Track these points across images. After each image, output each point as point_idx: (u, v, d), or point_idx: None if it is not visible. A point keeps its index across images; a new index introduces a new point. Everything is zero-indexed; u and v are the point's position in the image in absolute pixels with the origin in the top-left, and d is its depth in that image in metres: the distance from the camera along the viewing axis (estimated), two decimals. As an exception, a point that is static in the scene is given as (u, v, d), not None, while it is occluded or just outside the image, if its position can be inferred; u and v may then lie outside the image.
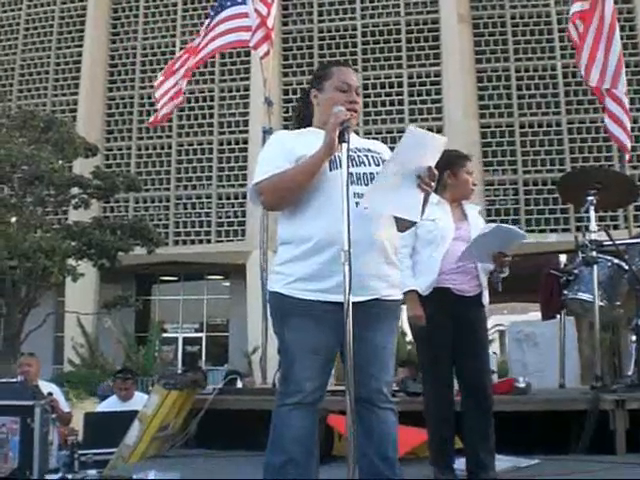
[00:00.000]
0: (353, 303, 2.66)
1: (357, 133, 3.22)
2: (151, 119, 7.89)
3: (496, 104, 25.95)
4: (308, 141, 2.98)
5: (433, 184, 2.90)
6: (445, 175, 4.26)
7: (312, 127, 3.19)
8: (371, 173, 3.00)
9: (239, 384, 5.55)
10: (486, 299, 4.28)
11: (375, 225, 2.92)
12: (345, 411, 2.69)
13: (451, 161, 4.33)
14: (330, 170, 2.93)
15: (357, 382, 2.68)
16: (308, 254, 2.90)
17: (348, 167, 2.76)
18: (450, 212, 4.28)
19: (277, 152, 3.05)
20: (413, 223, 3.12)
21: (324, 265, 2.86)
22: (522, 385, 5.13)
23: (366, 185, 2.95)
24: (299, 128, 3.25)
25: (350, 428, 2.63)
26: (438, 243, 4.18)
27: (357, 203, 2.84)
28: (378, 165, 3.04)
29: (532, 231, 24.42)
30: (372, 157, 3.08)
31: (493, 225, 4.18)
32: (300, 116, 3.31)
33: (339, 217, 2.69)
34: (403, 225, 3.09)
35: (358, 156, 3.02)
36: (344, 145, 2.78)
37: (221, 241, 26.88)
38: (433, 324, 4.11)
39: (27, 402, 5.40)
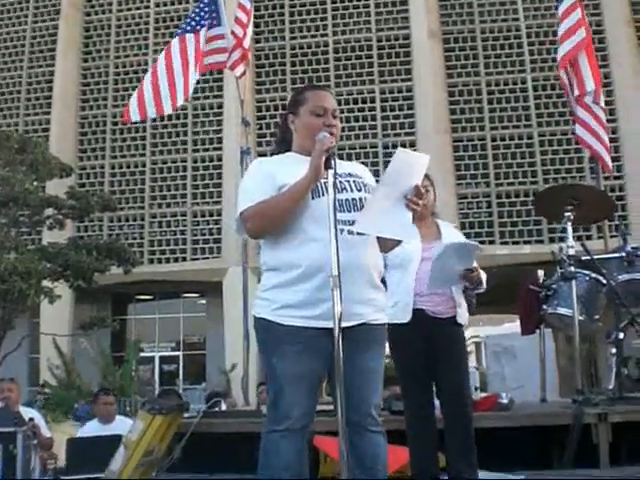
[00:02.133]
0: (342, 328, 2.67)
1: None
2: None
3: (468, 118, 26.15)
4: (289, 168, 3.00)
5: (421, 202, 2.93)
6: None
7: (291, 152, 3.20)
8: (353, 199, 3.02)
9: (223, 406, 5.54)
10: (462, 318, 4.31)
11: (360, 250, 2.94)
12: (331, 431, 2.71)
13: None
14: (312, 198, 2.95)
15: (347, 406, 2.69)
16: (296, 281, 2.91)
17: (335, 194, 2.79)
18: (418, 233, 4.32)
19: (260, 180, 3.04)
20: (398, 242, 3.15)
21: (312, 292, 2.88)
22: (505, 401, 5.16)
23: (349, 212, 2.97)
24: (279, 152, 3.25)
25: (342, 455, 2.65)
26: (406, 266, 4.23)
27: (341, 230, 2.85)
28: (360, 190, 3.06)
29: (506, 243, 24.65)
30: (354, 182, 3.09)
31: (443, 245, 4.21)
32: (280, 141, 3.30)
33: (326, 244, 2.72)
34: (386, 245, 3.11)
35: (340, 182, 3.00)
36: (330, 172, 2.80)
37: (197, 259, 26.78)
38: (407, 345, 4.18)
39: (9, 429, 5.37)
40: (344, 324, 2.72)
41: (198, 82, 23.88)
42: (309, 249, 2.90)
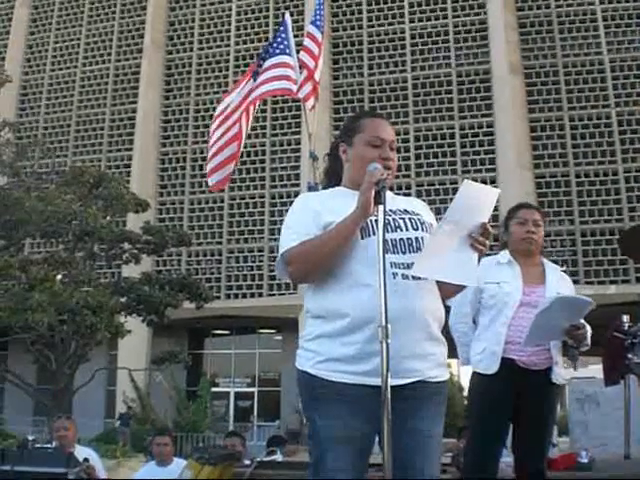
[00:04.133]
0: (393, 387, 2.36)
1: (408, 188, 2.89)
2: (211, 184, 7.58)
3: (550, 154, 25.58)
4: (336, 205, 2.67)
5: (487, 242, 2.60)
6: (503, 233, 4.01)
7: (341, 186, 2.87)
8: (409, 239, 2.67)
9: (279, 457, 5.25)
10: (558, 377, 3.89)
11: (416, 297, 2.59)
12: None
13: (506, 217, 4.06)
14: (362, 238, 2.60)
15: (398, 475, 2.37)
16: (343, 332, 2.57)
17: (384, 234, 2.47)
18: (520, 273, 3.91)
19: (305, 217, 2.72)
20: (462, 287, 2.82)
21: (362, 345, 2.54)
22: (585, 460, 4.71)
23: (404, 253, 2.63)
24: (328, 185, 2.93)
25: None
26: (500, 309, 3.84)
27: (394, 274, 2.54)
28: (417, 229, 2.71)
29: (591, 283, 23.84)
30: (410, 220, 2.74)
31: (552, 297, 3.78)
32: (329, 172, 2.98)
33: (376, 290, 2.40)
34: (448, 291, 2.76)
35: (394, 219, 2.69)
36: (380, 207, 2.49)
37: (273, 295, 26.75)
38: (491, 400, 3.80)
39: (60, 469, 5.24)
40: (396, 382, 2.42)
41: (277, 119, 24.17)
42: (358, 296, 2.56)
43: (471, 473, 3.89)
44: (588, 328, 3.89)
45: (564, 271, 4.20)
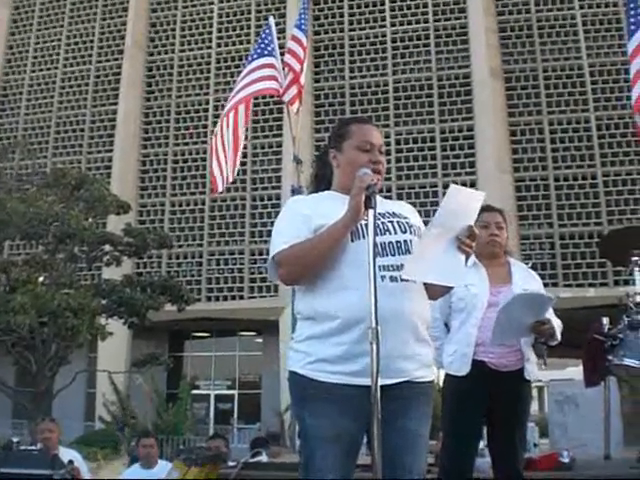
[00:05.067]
0: (382, 387, 2.41)
1: (389, 191, 2.94)
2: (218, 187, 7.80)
3: (530, 157, 25.74)
4: (327, 209, 2.72)
5: (474, 244, 2.68)
6: None
7: (331, 190, 2.92)
8: (397, 242, 2.73)
9: (264, 458, 5.29)
10: (530, 374, 3.94)
11: (404, 299, 2.65)
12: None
13: None
14: (352, 241, 2.66)
15: (386, 474, 2.42)
16: (333, 333, 2.63)
17: (376, 236, 2.52)
18: (485, 275, 3.98)
19: (295, 221, 2.77)
20: (448, 289, 2.88)
21: (350, 346, 2.59)
22: (566, 460, 4.78)
23: (392, 255, 2.69)
24: (317, 190, 2.97)
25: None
26: (469, 311, 3.90)
27: (383, 277, 2.60)
28: (405, 232, 2.77)
29: (569, 286, 23.99)
30: (398, 223, 2.80)
31: (509, 296, 3.85)
32: (318, 177, 3.02)
33: (366, 292, 2.45)
34: (435, 292, 2.82)
35: (382, 223, 2.74)
36: (370, 212, 2.54)
37: (254, 297, 26.71)
38: (463, 401, 3.85)
39: (45, 471, 5.29)
40: (384, 381, 2.46)
41: (258, 121, 24.09)
42: (347, 298, 2.61)
43: (446, 473, 3.95)
44: (556, 323, 3.95)
45: (532, 268, 4.27)
